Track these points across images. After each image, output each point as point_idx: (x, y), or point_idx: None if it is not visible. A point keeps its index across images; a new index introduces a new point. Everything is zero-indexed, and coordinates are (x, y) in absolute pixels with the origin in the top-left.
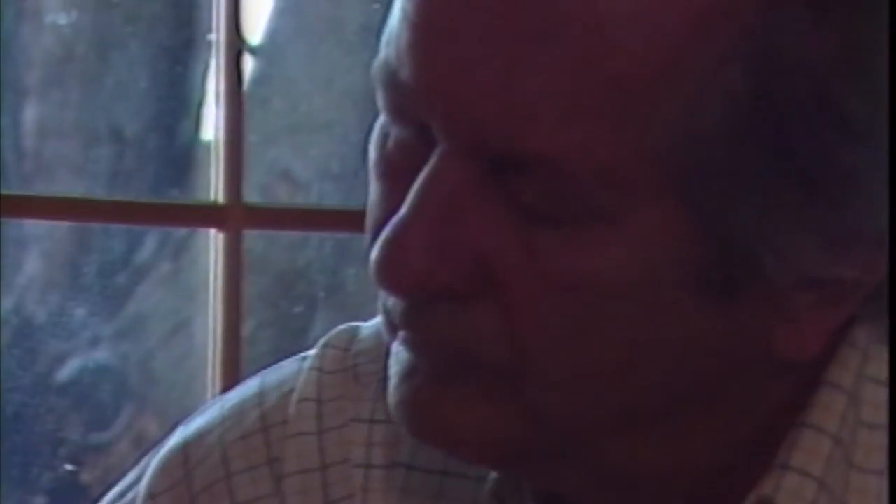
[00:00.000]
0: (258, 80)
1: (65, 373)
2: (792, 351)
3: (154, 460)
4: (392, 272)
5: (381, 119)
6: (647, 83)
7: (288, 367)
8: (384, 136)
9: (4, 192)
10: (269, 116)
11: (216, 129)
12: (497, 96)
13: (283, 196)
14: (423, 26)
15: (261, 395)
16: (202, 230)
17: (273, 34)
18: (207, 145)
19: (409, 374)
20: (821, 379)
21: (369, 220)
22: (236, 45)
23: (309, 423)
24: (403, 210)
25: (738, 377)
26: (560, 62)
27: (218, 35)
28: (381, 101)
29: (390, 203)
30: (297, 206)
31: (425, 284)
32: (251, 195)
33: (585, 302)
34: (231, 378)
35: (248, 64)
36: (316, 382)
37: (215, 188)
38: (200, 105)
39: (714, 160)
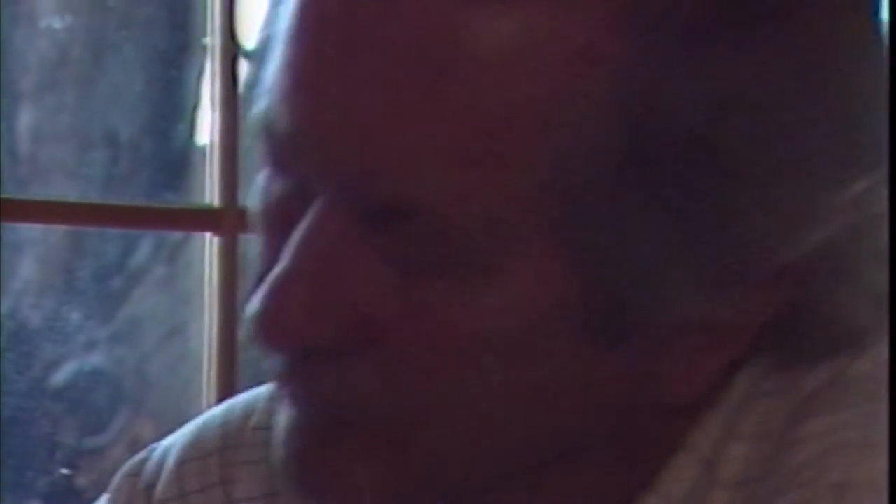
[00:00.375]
0: (253, 84)
1: (60, 377)
2: (676, 394)
3: (115, 477)
4: (269, 330)
5: (264, 170)
6: (525, 129)
7: (260, 391)
8: (268, 188)
9: None
10: None
11: (211, 133)
12: (374, 145)
13: None
14: (299, 74)
15: (227, 414)
16: (197, 234)
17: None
18: (203, 149)
19: (294, 431)
20: (681, 443)
21: (256, 274)
22: (231, 49)
23: (259, 451)
24: (282, 264)
25: (625, 421)
26: (437, 110)
27: (213, 39)
28: (261, 152)
29: (273, 257)
30: None
31: (304, 341)
32: (247, 199)
33: (468, 354)
34: (226, 382)
35: (244, 68)
36: (271, 411)
37: (210, 192)
38: (195, 109)
39: (594, 204)
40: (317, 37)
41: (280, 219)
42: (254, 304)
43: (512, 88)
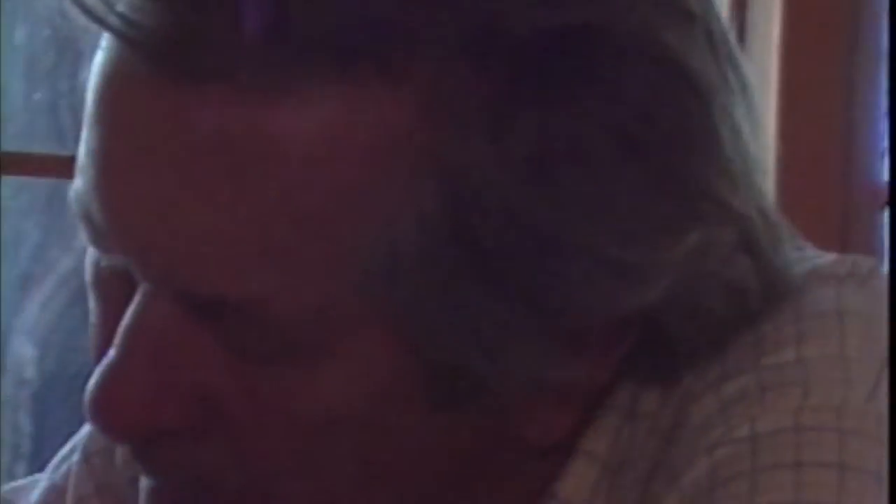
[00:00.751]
0: None
1: None
2: (538, 439)
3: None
4: (105, 420)
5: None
6: (336, 220)
7: None
8: (94, 261)
9: None
10: None
11: None
12: (184, 242)
13: None
14: (105, 168)
15: None
16: None
17: None
18: None
19: (154, 494)
20: (577, 447)
21: (92, 344)
22: None
23: None
24: (113, 351)
25: (492, 465)
26: (245, 205)
27: None
28: (81, 230)
29: (107, 330)
30: None
31: (143, 428)
32: None
33: (309, 432)
34: None
35: None
36: None
37: None
38: None
39: (416, 284)
40: (119, 126)
41: (113, 292)
42: (88, 392)
43: (317, 181)
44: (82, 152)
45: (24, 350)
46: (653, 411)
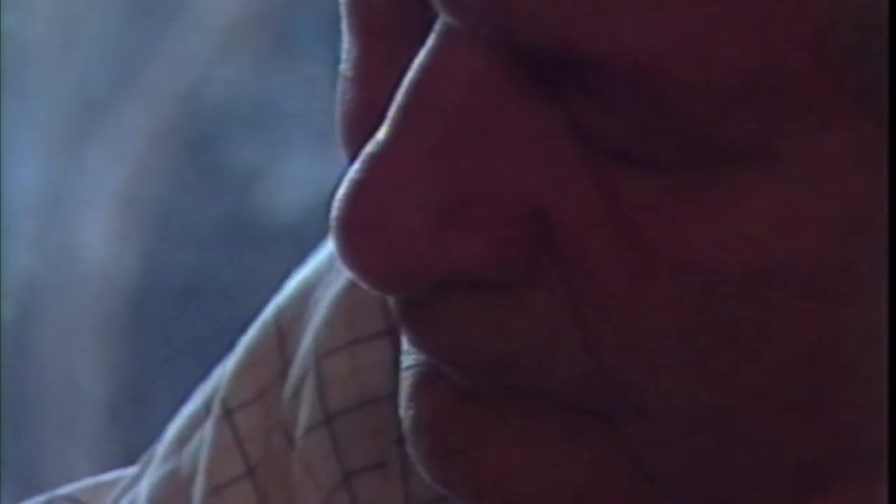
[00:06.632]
0: None
1: None
2: None
3: None
4: (366, 251)
5: None
6: None
7: None
8: None
9: None
10: None
11: None
12: None
13: None
14: None
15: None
16: None
17: None
18: None
19: (426, 381)
20: None
21: (340, 108)
22: None
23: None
24: (384, 131)
25: None
26: None
27: None
28: None
29: (371, 92)
30: None
31: (429, 271)
32: None
33: (713, 293)
34: None
35: None
36: None
37: None
38: None
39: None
40: None
41: (385, 20)
42: (340, 203)
43: None
44: None
45: None
46: None
